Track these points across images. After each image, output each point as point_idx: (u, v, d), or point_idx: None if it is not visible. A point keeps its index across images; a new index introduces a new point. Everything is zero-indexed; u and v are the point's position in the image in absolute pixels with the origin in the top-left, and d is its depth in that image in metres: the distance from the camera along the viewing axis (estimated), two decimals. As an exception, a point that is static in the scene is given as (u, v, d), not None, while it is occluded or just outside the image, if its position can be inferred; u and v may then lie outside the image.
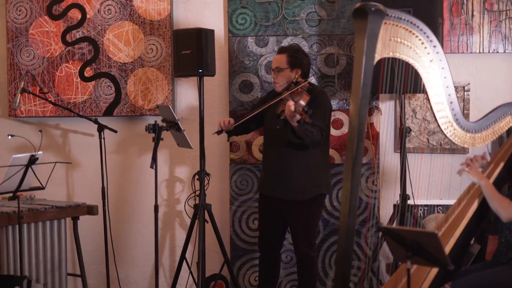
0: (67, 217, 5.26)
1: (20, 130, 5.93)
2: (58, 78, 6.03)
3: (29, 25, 6.04)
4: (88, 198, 5.70)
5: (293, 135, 4.85)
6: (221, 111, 5.96)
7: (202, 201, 5.44)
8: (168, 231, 6.11)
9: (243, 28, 5.87)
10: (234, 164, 5.92)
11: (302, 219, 5.12)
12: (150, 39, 5.95)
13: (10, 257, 4.92)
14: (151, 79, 5.96)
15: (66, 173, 6.13)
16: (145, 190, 6.00)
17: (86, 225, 5.79)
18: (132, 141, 6.09)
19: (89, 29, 6.00)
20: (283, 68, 5.09)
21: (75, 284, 6.10)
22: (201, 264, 5.35)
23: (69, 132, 6.13)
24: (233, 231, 5.93)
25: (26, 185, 4.91)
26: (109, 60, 5.99)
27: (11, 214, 4.87)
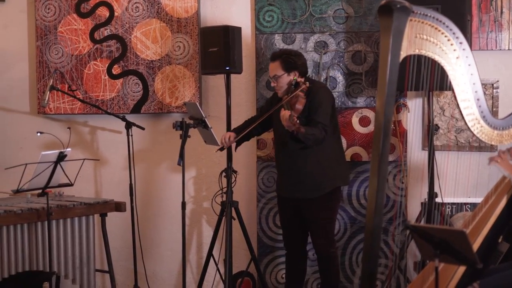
0: (95, 214, 5.31)
1: (49, 127, 5.99)
2: (86, 75, 6.07)
3: (58, 23, 6.09)
4: (116, 195, 5.74)
5: (293, 141, 4.90)
6: (248, 108, 5.97)
7: (229, 198, 5.45)
8: (195, 228, 6.13)
9: (270, 25, 5.87)
10: (261, 162, 5.92)
11: (319, 216, 5.12)
12: (177, 37, 5.98)
13: (39, 253, 4.98)
14: (179, 77, 5.98)
15: (94, 170, 6.18)
16: (173, 187, 6.02)
17: (114, 222, 5.83)
18: (160, 138, 6.12)
19: (117, 27, 6.04)
20: (280, 74, 5.11)
21: (103, 280, 6.14)
22: (228, 261, 5.37)
23: (97, 129, 6.17)
24: (260, 228, 5.93)
25: (55, 182, 4.96)
26: (136, 58, 6.02)
27: (40, 211, 4.92)
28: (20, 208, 4.89)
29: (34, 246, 4.96)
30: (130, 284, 5.98)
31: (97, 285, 5.51)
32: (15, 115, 6.23)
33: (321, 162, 5.06)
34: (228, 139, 5.28)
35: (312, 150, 5.01)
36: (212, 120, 5.77)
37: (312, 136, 4.86)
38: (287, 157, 5.15)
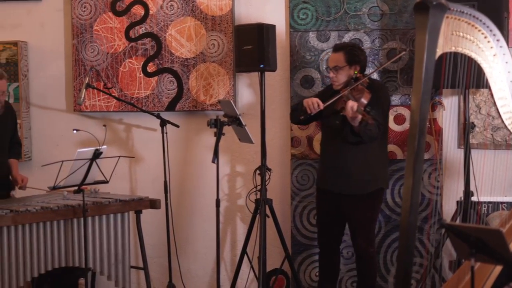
0: (130, 211, 5.33)
1: (84, 125, 6.04)
2: (122, 73, 6.11)
3: (94, 21, 6.14)
4: (150, 192, 5.77)
5: (351, 134, 4.84)
6: (281, 106, 5.97)
7: (263, 196, 5.45)
8: (229, 226, 6.15)
9: (304, 23, 5.85)
10: (295, 160, 5.92)
11: (361, 214, 5.09)
12: (211, 35, 5.99)
13: (75, 249, 5.02)
14: (213, 74, 5.99)
15: (129, 167, 6.22)
16: (207, 184, 6.04)
17: (148, 219, 5.86)
18: (194, 136, 6.14)
19: (152, 25, 6.07)
20: (342, 66, 5.06)
21: (138, 277, 6.18)
22: (262, 258, 5.37)
23: (132, 127, 6.21)
24: (294, 226, 5.93)
25: (91, 179, 5.01)
26: (171, 56, 6.05)
27: (76, 207, 4.96)
28: (56, 204, 4.94)
29: (70, 243, 5.01)
30: (164, 281, 6.01)
31: (132, 281, 5.54)
32: (51, 113, 6.30)
33: (368, 161, 5.03)
34: (316, 105, 5.01)
35: (361, 148, 4.98)
36: (246, 118, 5.77)
37: (370, 132, 4.82)
38: (335, 151, 5.11)
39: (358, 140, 4.89)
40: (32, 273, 4.86)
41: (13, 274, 4.76)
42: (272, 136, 5.91)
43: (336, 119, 4.91)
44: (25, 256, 4.80)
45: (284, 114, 5.92)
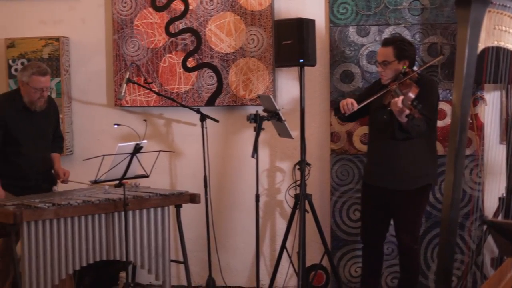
0: (171, 205, 5.36)
1: (125, 120, 6.08)
2: (162, 68, 6.15)
3: (134, 16, 6.18)
4: (190, 186, 5.80)
5: (399, 129, 4.81)
6: (321, 101, 5.95)
7: (303, 191, 5.45)
8: (268, 221, 6.15)
9: (344, 17, 5.83)
10: (334, 155, 5.90)
11: (407, 210, 5.05)
12: (251, 30, 5.99)
13: (116, 242, 5.06)
14: (252, 69, 6.00)
15: (169, 162, 6.25)
16: (246, 179, 6.05)
17: (188, 213, 5.88)
18: (234, 131, 6.15)
19: (192, 20, 6.09)
20: (391, 61, 5.02)
21: (178, 271, 6.22)
22: (302, 253, 5.37)
23: (172, 122, 6.24)
24: (334, 222, 5.91)
25: (131, 173, 5.05)
26: (211, 51, 6.07)
27: (117, 201, 5.00)
28: (97, 198, 4.99)
29: (111, 236, 5.05)
30: (204, 275, 6.04)
31: (172, 275, 5.57)
32: (92, 108, 6.36)
33: (416, 156, 4.99)
34: (350, 105, 5.07)
35: (409, 143, 4.94)
36: (285, 113, 5.77)
37: (418, 128, 4.79)
38: (382, 146, 5.08)
39: (406, 136, 4.85)
40: (74, 266, 4.91)
41: (55, 267, 4.82)
42: (312, 131, 5.90)
43: (384, 113, 4.87)
44: (67, 249, 4.86)
45: (324, 109, 5.91)
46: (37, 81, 5.22)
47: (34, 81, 5.21)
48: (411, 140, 4.91)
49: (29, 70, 5.25)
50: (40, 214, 4.69)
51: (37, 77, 5.21)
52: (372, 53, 5.74)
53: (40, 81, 5.22)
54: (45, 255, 4.76)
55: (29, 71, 5.24)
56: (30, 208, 4.69)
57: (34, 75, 5.21)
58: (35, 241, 4.72)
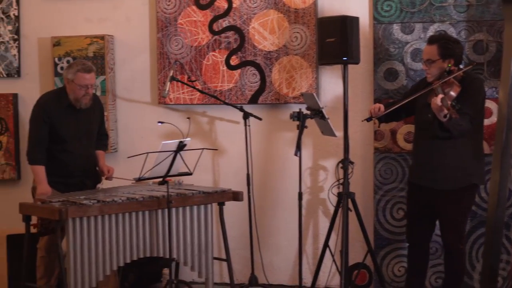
0: (214, 203, 5.38)
1: (169, 117, 6.11)
2: (205, 66, 6.17)
3: (178, 15, 6.21)
4: (233, 184, 5.81)
5: (440, 128, 4.76)
6: (365, 99, 5.92)
7: (346, 189, 5.42)
8: (311, 219, 6.14)
9: (388, 15, 5.78)
10: (378, 153, 5.86)
11: (452, 210, 5.00)
12: (294, 27, 5.98)
13: (160, 239, 5.10)
14: (296, 67, 5.99)
15: (212, 160, 6.27)
16: (289, 177, 6.04)
17: (231, 211, 5.89)
18: (277, 129, 6.15)
19: (235, 18, 6.10)
20: (435, 59, 4.98)
21: (220, 268, 6.23)
22: (344, 252, 5.35)
23: (216, 120, 6.26)
24: (377, 220, 5.88)
25: (175, 171, 5.07)
26: (254, 49, 6.07)
27: (161, 198, 5.04)
28: (141, 195, 5.02)
29: (155, 233, 5.08)
30: (247, 273, 6.05)
31: (214, 272, 5.59)
32: (137, 105, 6.41)
33: (461, 155, 4.94)
34: (377, 110, 5.18)
35: (454, 142, 4.89)
36: (329, 111, 5.75)
37: (460, 127, 4.74)
38: (427, 145, 5.05)
39: (447, 135, 4.80)
40: (118, 262, 4.95)
41: (100, 263, 4.86)
42: (355, 129, 5.87)
43: (428, 112, 4.83)
44: (111, 246, 4.90)
45: (367, 107, 5.87)
46: (82, 78, 5.27)
47: (79, 78, 5.27)
48: (456, 139, 4.86)
49: (74, 67, 5.31)
50: (85, 211, 4.74)
51: (82, 74, 5.27)
52: (416, 50, 5.69)
53: (85, 78, 5.28)
54: (90, 252, 4.81)
55: (74, 69, 5.30)
56: (75, 204, 4.75)
57: (79, 72, 5.27)
58: (80, 238, 4.77)
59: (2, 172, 6.53)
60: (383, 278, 5.68)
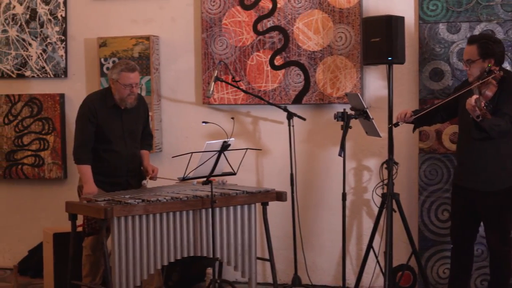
0: (257, 203, 5.38)
1: (213, 117, 6.13)
2: (249, 66, 6.18)
3: (222, 15, 6.23)
4: (276, 184, 5.81)
5: (476, 129, 4.71)
6: (410, 100, 5.87)
7: (390, 190, 5.38)
8: (355, 219, 6.11)
9: (434, 14, 5.73)
10: (423, 154, 5.81)
11: (496, 212, 4.94)
12: (339, 27, 5.96)
13: (203, 239, 5.12)
14: (340, 67, 5.97)
15: (256, 160, 6.28)
16: (333, 178, 6.02)
17: (274, 211, 5.90)
18: (321, 129, 6.13)
19: (280, 18, 6.10)
20: (475, 59, 4.92)
21: (263, 268, 6.24)
22: (389, 253, 5.31)
23: (259, 120, 6.26)
24: (422, 222, 5.82)
25: (219, 171, 5.09)
26: (298, 49, 6.06)
27: (205, 198, 5.06)
28: (185, 195, 5.05)
29: (199, 233, 5.11)
30: (290, 273, 6.05)
31: (258, 272, 5.60)
32: (181, 105, 6.44)
33: (503, 156, 4.89)
34: (403, 115, 5.21)
35: (495, 143, 4.84)
36: (373, 111, 5.72)
37: (497, 127, 4.68)
38: (468, 147, 5.01)
39: (485, 136, 4.75)
40: (162, 261, 4.99)
41: (144, 261, 4.91)
42: (400, 130, 5.81)
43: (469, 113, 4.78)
44: (155, 245, 4.94)
45: (412, 107, 5.81)
46: (126, 78, 5.32)
47: (123, 77, 5.32)
48: (496, 140, 4.80)
49: (118, 67, 5.36)
50: (130, 210, 4.79)
51: (126, 73, 5.32)
52: (462, 50, 5.59)
53: (129, 77, 5.33)
54: (134, 250, 4.86)
55: (118, 69, 5.35)
56: (120, 203, 4.79)
57: (123, 71, 5.32)
58: (124, 236, 4.82)
59: (49, 171, 6.62)
60: (428, 280, 5.63)
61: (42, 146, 6.62)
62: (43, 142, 6.62)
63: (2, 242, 6.91)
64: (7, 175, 6.72)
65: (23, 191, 6.82)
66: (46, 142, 6.61)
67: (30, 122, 6.65)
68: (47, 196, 6.74)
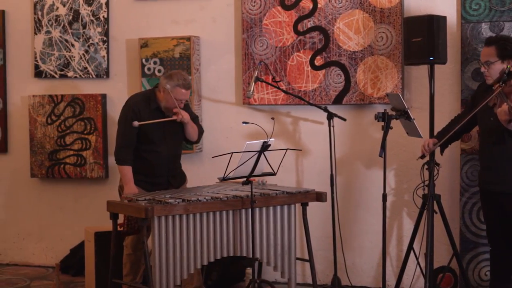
0: (297, 203, 5.37)
1: (253, 118, 6.14)
2: (290, 67, 6.18)
3: (263, 15, 6.24)
4: (316, 184, 5.80)
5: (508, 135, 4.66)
6: (451, 100, 5.82)
7: (431, 191, 5.34)
8: (395, 221, 6.07)
9: (476, 14, 5.67)
10: (465, 155, 5.75)
11: None
12: (380, 27, 5.93)
13: (243, 239, 5.13)
14: (381, 67, 5.93)
15: (296, 160, 6.27)
16: (373, 178, 6.00)
17: (314, 211, 5.89)
18: (361, 130, 6.10)
19: (320, 18, 6.08)
20: (493, 61, 4.86)
21: (303, 269, 6.23)
22: (429, 255, 5.27)
23: (300, 120, 6.26)
24: (463, 223, 5.77)
25: (259, 171, 5.09)
26: (339, 49, 6.04)
27: (245, 198, 5.06)
28: (225, 195, 5.06)
29: (238, 233, 5.12)
30: (329, 274, 6.03)
31: (297, 273, 5.59)
32: (221, 106, 6.46)
33: None
34: (429, 145, 5.21)
35: None
36: (414, 111, 5.68)
37: None
38: (492, 149, 4.95)
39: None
40: (202, 260, 5.01)
41: (184, 261, 4.93)
42: (441, 131, 5.78)
43: (490, 116, 4.74)
44: (195, 244, 4.96)
45: (454, 108, 5.78)
46: (179, 93, 5.35)
47: (177, 92, 5.34)
48: None
49: (175, 80, 5.34)
50: (170, 210, 4.81)
51: (180, 89, 5.34)
52: (506, 50, 5.56)
53: (182, 93, 5.36)
54: (175, 250, 4.88)
55: (174, 82, 5.34)
56: (161, 203, 4.82)
57: (178, 87, 5.33)
58: (165, 236, 4.84)
59: (90, 170, 6.69)
60: (469, 282, 5.58)
61: (84, 146, 6.70)
62: (85, 142, 6.69)
63: (45, 240, 7.01)
64: (49, 174, 6.81)
65: (65, 190, 6.91)
66: (88, 142, 6.69)
67: (72, 122, 6.73)
68: (89, 195, 6.81)
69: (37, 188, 6.97)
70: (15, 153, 7.03)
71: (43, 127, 6.79)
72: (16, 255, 7.10)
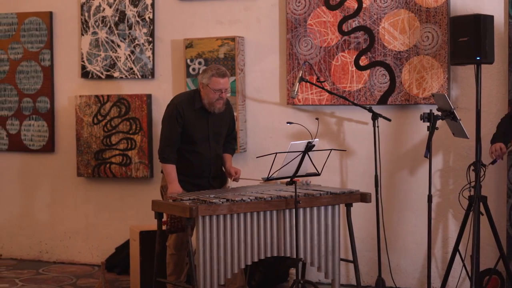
0: (341, 204, 5.36)
1: (297, 118, 6.14)
2: (334, 67, 6.16)
3: (307, 16, 6.23)
4: (360, 185, 5.78)
5: None
6: (498, 100, 5.75)
7: (478, 192, 5.28)
8: (440, 222, 6.01)
9: (525, 13, 5.60)
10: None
11: None
12: (426, 27, 5.88)
13: (287, 239, 5.13)
14: (426, 67, 5.88)
15: (340, 160, 6.25)
16: (418, 179, 5.95)
17: (358, 212, 5.87)
18: (406, 130, 6.06)
19: (365, 18, 6.05)
20: None
21: (347, 270, 6.21)
22: (475, 257, 5.22)
23: (344, 120, 6.24)
24: (510, 225, 5.70)
25: (303, 171, 5.09)
26: (384, 49, 6.01)
27: (289, 199, 5.06)
28: (269, 195, 5.06)
29: (282, 233, 5.12)
30: (373, 275, 6.00)
31: (341, 274, 5.57)
32: (266, 106, 6.47)
33: None
34: (500, 151, 5.15)
35: None
36: (460, 112, 5.62)
37: None
38: None
39: None
40: (246, 260, 5.02)
41: (228, 260, 4.95)
42: (488, 131, 5.70)
43: None
44: (239, 244, 4.97)
45: (501, 109, 5.71)
46: (216, 83, 5.37)
47: (213, 82, 5.37)
48: None
49: (209, 72, 5.41)
50: (214, 209, 4.83)
51: (216, 78, 5.37)
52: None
53: (219, 82, 5.37)
54: (219, 249, 4.90)
55: (208, 73, 5.40)
56: (205, 203, 4.84)
57: (213, 76, 5.37)
58: (209, 235, 4.87)
59: (135, 170, 6.75)
60: (516, 285, 5.51)
61: (129, 146, 6.76)
62: (130, 141, 6.76)
63: (91, 239, 7.09)
64: (95, 174, 6.89)
65: (111, 190, 6.98)
66: (134, 142, 6.75)
67: (118, 122, 6.79)
68: (134, 194, 6.87)
69: (84, 187, 7.06)
70: (62, 153, 7.12)
71: (90, 127, 6.87)
72: (63, 253, 7.19)
